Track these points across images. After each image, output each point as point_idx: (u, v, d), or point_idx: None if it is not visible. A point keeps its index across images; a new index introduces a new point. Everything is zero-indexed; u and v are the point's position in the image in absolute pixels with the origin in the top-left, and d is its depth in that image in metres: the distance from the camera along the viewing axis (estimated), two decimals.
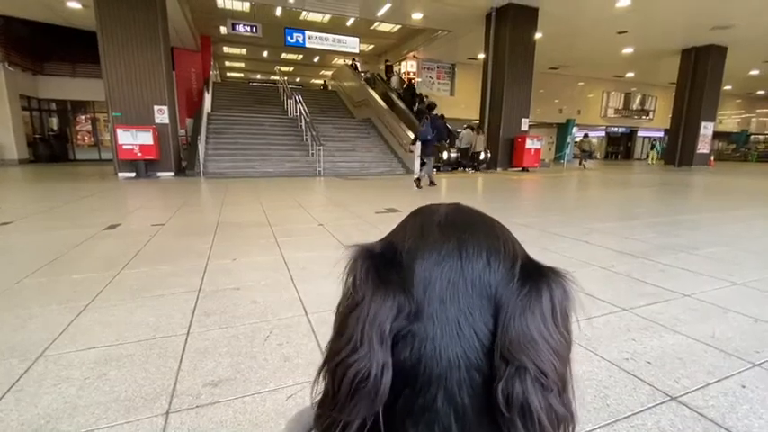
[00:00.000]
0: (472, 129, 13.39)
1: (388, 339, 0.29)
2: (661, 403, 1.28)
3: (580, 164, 16.72)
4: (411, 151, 11.66)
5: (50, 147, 15.99)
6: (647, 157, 23.55)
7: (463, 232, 0.33)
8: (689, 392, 1.33)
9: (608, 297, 2.17)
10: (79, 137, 17.18)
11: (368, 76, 16.42)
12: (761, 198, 7.11)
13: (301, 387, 1.36)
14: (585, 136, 17.37)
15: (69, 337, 1.71)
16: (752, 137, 29.20)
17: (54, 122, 16.77)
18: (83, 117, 17.07)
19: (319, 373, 0.33)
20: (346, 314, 0.31)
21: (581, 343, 1.66)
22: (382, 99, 13.96)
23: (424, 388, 0.29)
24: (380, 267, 0.32)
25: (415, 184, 7.98)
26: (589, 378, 1.42)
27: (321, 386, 0.33)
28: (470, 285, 0.30)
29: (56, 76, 15.62)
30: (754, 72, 20.07)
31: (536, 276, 0.31)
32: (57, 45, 15.01)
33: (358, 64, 17.29)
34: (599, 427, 1.16)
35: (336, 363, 0.30)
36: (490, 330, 0.29)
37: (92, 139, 17.29)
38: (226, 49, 20.44)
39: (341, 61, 19.86)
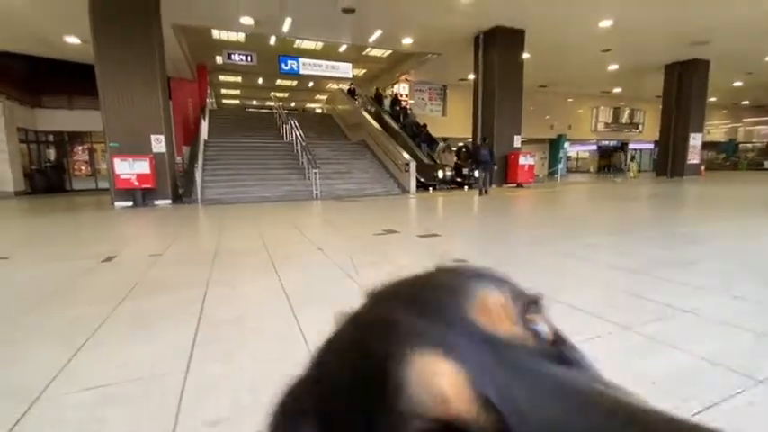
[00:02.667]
0: (448, 147, 13.87)
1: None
2: None
3: (612, 176, 19.04)
4: (406, 171, 11.79)
5: (47, 178, 16.06)
6: (628, 169, 23.64)
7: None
8: (697, 413, 1.32)
9: (608, 315, 2.17)
10: (76, 167, 17.28)
11: (362, 99, 16.78)
12: (754, 207, 7.19)
13: None
14: (615, 150, 18.41)
15: (67, 376, 1.68)
16: (740, 145, 29.78)
17: (51, 154, 16.90)
18: (80, 148, 17.23)
19: None
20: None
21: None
22: (376, 121, 14.22)
23: None
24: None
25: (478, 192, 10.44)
26: None
27: None
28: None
29: (53, 108, 15.86)
30: (738, 84, 20.65)
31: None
32: (54, 78, 15.30)
33: (356, 89, 17.60)
34: None
35: None
36: None
37: (89, 168, 17.40)
38: (222, 78, 20.87)
39: (335, 86, 20.28)
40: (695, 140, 16.96)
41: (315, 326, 2.16)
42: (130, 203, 9.52)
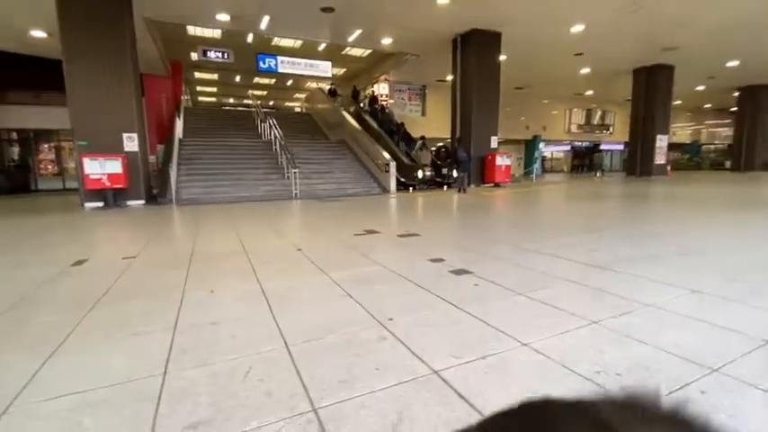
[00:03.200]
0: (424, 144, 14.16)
1: None
2: None
3: (595, 175, 19.83)
4: (387, 171, 11.84)
5: (11, 177, 15.28)
6: (582, 169, 24.70)
7: None
8: None
9: (577, 310, 2.28)
10: (42, 166, 16.50)
11: (342, 98, 16.72)
12: (716, 205, 7.61)
13: (285, 423, 1.35)
14: (599, 151, 19.09)
15: (38, 385, 1.63)
16: (703, 147, 31.33)
17: (15, 152, 16.07)
18: (46, 146, 16.45)
19: None
20: None
21: (555, 358, 1.73)
22: (356, 120, 14.21)
23: None
24: None
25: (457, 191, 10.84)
26: (563, 393, 1.48)
27: None
28: None
29: (17, 104, 15.07)
30: (701, 88, 21.71)
31: None
32: (18, 73, 14.55)
33: (337, 89, 17.48)
34: None
35: None
36: None
37: (56, 167, 16.64)
38: (197, 75, 20.37)
39: (314, 85, 20.13)
40: (662, 142, 17.76)
41: (294, 328, 2.17)
42: (101, 204, 9.18)
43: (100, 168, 8.93)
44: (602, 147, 28.91)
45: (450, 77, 14.82)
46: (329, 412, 1.41)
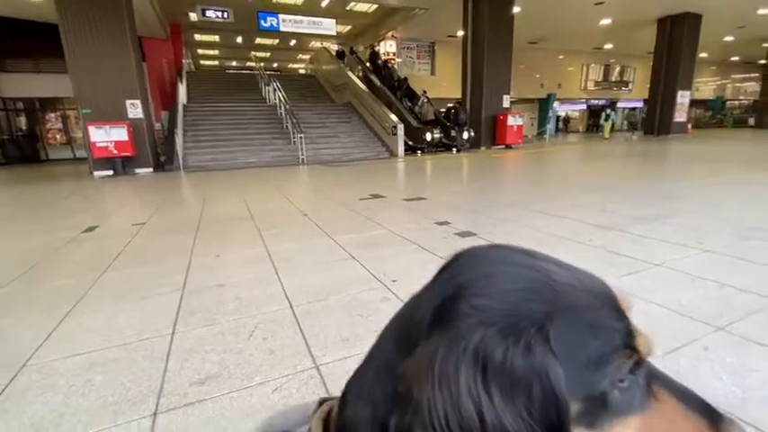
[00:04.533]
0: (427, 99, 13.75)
1: None
2: None
3: (628, 134, 18.36)
4: (394, 134, 11.60)
5: (20, 148, 15.39)
6: (597, 128, 21.35)
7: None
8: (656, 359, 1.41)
9: None
10: (50, 136, 16.55)
11: (340, 50, 15.99)
12: (734, 164, 7.33)
13: (287, 379, 1.39)
14: (633, 110, 17.77)
15: (52, 344, 1.70)
16: (727, 103, 29.78)
17: (22, 122, 16.10)
18: (52, 115, 16.41)
19: None
20: None
21: None
22: (362, 81, 13.76)
23: (368, 357, 0.30)
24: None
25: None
26: None
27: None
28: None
29: (19, 72, 14.89)
30: (729, 38, 20.31)
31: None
32: (18, 40, 14.25)
33: (344, 51, 16.57)
34: None
35: None
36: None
37: (64, 137, 16.67)
38: (198, 37, 19.73)
39: (319, 44, 19.38)
40: (683, 98, 16.89)
41: (298, 289, 2.20)
42: (110, 172, 9.25)
43: (106, 136, 8.91)
44: (620, 104, 27.74)
45: (460, 33, 14.08)
46: (330, 369, 1.45)
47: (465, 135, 12.80)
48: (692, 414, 0.27)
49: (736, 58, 26.77)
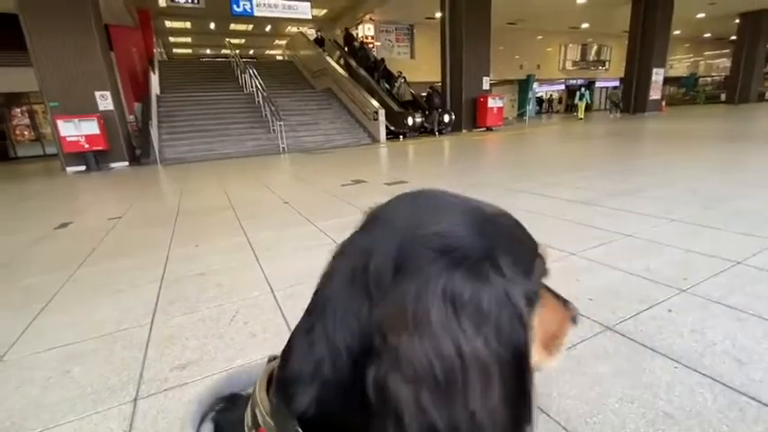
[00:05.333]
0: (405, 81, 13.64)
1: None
2: (598, 333, 1.41)
3: (611, 113, 17.92)
4: (375, 119, 11.51)
5: None
6: (574, 108, 20.15)
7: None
8: (622, 321, 1.48)
9: (557, 244, 2.32)
10: (18, 132, 15.83)
11: (319, 36, 15.65)
12: (703, 141, 7.56)
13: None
14: (615, 88, 17.66)
15: (28, 339, 1.67)
16: (700, 79, 30.47)
17: None
18: (18, 110, 15.67)
19: None
20: None
21: None
22: (341, 66, 13.53)
23: (309, 313, 0.30)
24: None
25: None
26: None
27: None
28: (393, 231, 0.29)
29: None
30: (701, 15, 20.66)
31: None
32: None
33: (323, 36, 16.04)
34: None
35: None
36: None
37: (32, 133, 15.98)
38: (168, 24, 18.97)
39: (295, 29, 18.89)
40: (658, 75, 17.19)
41: (279, 275, 2.20)
42: (83, 168, 8.95)
43: (75, 130, 8.58)
44: (597, 84, 28.07)
45: (439, 15, 13.93)
46: None
47: (446, 118, 12.81)
48: (556, 300, 0.36)
49: (708, 35, 27.31)
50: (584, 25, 22.11)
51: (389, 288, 0.25)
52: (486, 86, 13.57)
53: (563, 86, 28.42)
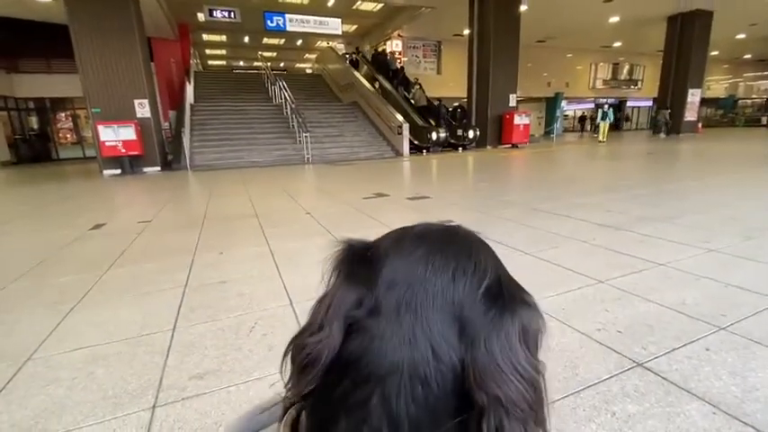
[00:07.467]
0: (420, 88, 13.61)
1: (343, 325, 0.30)
2: (627, 369, 1.34)
3: (659, 133, 16.59)
4: (400, 133, 11.59)
5: (32, 147, 15.66)
6: (595, 129, 18.55)
7: (434, 244, 0.32)
8: (655, 358, 1.40)
9: (585, 270, 2.23)
10: (61, 135, 16.80)
11: (353, 58, 16.06)
12: (743, 164, 7.21)
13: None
14: (666, 108, 16.68)
15: (57, 339, 1.73)
16: (739, 101, 29.26)
17: (34, 121, 16.36)
18: (63, 114, 16.66)
19: (286, 354, 0.33)
20: (317, 300, 0.34)
21: (557, 317, 1.72)
22: (368, 80, 13.76)
23: (363, 384, 0.28)
24: (354, 262, 0.34)
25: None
26: (561, 350, 1.48)
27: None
28: (432, 298, 0.29)
29: (31, 73, 15.13)
30: (741, 36, 19.97)
31: (502, 300, 0.30)
32: (29, 40, 14.48)
33: (357, 58, 16.07)
34: (566, 396, 1.22)
35: (297, 342, 0.32)
36: (454, 351, 0.28)
37: (74, 136, 16.93)
38: (205, 37, 19.88)
39: (325, 44, 19.42)
40: (694, 96, 16.64)
41: (300, 287, 2.21)
42: (119, 171, 9.38)
43: (114, 135, 9.03)
44: (629, 103, 27.40)
45: (467, 31, 14.02)
46: None
47: (471, 134, 12.75)
48: None
49: (748, 56, 26.31)
50: (617, 44, 21.75)
51: (483, 332, 0.28)
52: (512, 103, 13.47)
53: (593, 105, 27.86)
